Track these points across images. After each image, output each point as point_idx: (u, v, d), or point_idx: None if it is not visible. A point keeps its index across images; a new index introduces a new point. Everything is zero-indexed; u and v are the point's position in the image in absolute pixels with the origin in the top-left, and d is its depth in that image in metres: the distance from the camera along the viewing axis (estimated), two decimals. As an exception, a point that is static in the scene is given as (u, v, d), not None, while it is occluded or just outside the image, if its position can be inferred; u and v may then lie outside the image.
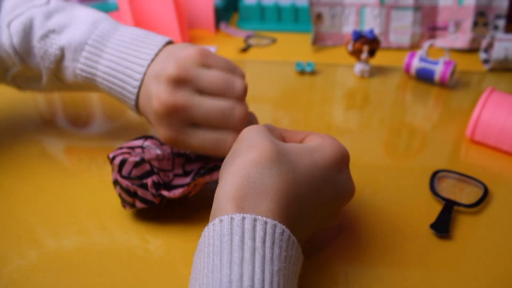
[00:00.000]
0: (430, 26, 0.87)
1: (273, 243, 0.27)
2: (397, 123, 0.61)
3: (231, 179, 0.30)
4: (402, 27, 0.85)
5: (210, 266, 0.27)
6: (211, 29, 0.93)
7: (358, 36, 0.71)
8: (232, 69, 0.42)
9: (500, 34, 0.75)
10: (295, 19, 0.96)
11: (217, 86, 0.39)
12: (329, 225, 0.37)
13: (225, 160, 0.34)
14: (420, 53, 0.71)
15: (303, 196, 0.32)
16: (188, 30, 0.89)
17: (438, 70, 0.68)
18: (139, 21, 0.81)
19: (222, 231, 0.27)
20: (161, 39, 0.44)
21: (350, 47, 0.72)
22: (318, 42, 0.88)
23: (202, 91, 0.39)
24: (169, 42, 0.44)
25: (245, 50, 0.85)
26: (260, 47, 0.87)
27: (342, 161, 0.35)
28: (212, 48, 0.85)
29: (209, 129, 0.39)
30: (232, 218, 0.28)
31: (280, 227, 0.28)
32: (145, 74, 0.41)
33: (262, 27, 0.95)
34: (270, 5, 0.95)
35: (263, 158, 0.31)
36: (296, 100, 0.67)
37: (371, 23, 0.86)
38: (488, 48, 0.78)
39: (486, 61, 0.78)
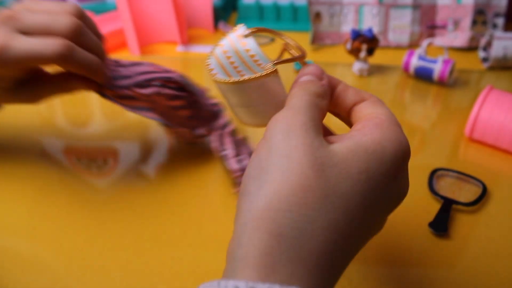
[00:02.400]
0: (429, 25, 0.87)
1: None
2: (396, 122, 0.61)
3: (254, 230, 0.21)
4: (401, 26, 0.85)
5: None
6: (210, 28, 0.93)
7: (357, 35, 0.71)
8: (61, 9, 0.40)
9: (499, 33, 0.75)
10: (294, 18, 0.96)
11: (41, 24, 0.38)
12: (375, 234, 0.28)
13: (249, 167, 0.25)
14: (418, 51, 0.71)
15: (352, 232, 0.23)
16: (187, 29, 0.89)
17: (437, 68, 0.68)
18: (138, 21, 0.81)
19: None
20: None
21: (348, 46, 0.72)
22: (317, 41, 0.88)
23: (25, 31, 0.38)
24: None
25: (244, 49, 0.85)
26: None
27: (403, 162, 0.26)
28: (211, 48, 0.85)
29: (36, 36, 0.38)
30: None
31: None
32: None
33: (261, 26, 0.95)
34: (269, 4, 0.95)
35: (302, 197, 0.21)
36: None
37: (369, 22, 0.86)
38: (487, 46, 0.78)
39: (485, 60, 0.78)
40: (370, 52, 0.72)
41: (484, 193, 0.46)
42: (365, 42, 0.71)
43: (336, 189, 0.22)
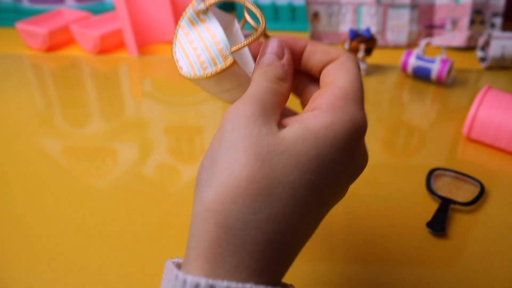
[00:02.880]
0: (427, 25, 0.87)
1: None
2: (394, 122, 0.61)
3: (204, 221, 0.22)
4: (399, 25, 0.85)
5: None
6: (208, 28, 0.93)
7: (355, 35, 0.71)
8: None
9: (497, 32, 0.75)
10: (292, 18, 0.96)
11: None
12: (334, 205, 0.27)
13: (204, 157, 0.25)
14: (417, 51, 0.71)
15: (304, 218, 0.23)
16: (185, 29, 0.89)
17: (435, 68, 0.68)
18: (136, 21, 0.81)
19: None
20: None
21: (346, 45, 0.72)
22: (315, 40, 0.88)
23: None
24: None
25: (242, 49, 0.85)
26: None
27: (357, 140, 0.25)
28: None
29: None
30: (197, 286, 0.21)
31: None
32: None
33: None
34: (267, 4, 0.95)
35: (246, 188, 0.22)
36: (293, 99, 0.67)
37: (368, 22, 0.86)
38: (485, 46, 0.78)
39: (483, 59, 0.78)
40: (368, 52, 0.72)
41: (482, 193, 0.46)
42: (363, 42, 0.71)
43: (282, 178, 0.22)
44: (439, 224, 0.42)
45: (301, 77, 0.30)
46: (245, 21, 0.31)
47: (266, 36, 0.29)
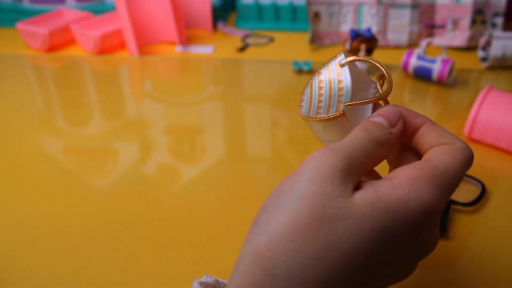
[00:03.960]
0: (428, 24, 0.86)
1: None
2: (395, 122, 0.61)
3: (251, 263, 0.22)
4: (400, 25, 0.85)
5: None
6: (209, 28, 0.93)
7: (356, 35, 0.71)
8: None
9: (498, 32, 0.74)
10: (292, 18, 0.96)
11: None
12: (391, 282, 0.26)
13: (269, 197, 0.24)
14: (417, 51, 0.71)
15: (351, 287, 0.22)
16: (185, 29, 0.89)
17: (436, 68, 0.68)
18: (136, 21, 0.81)
19: None
20: None
21: (347, 45, 0.72)
22: (316, 41, 0.87)
23: None
24: None
25: (242, 49, 0.85)
26: (258, 46, 0.87)
27: (427, 222, 0.24)
28: (210, 48, 0.85)
29: None
30: None
31: None
32: None
33: (260, 26, 0.95)
34: (268, 4, 0.95)
35: (301, 245, 0.21)
36: (293, 99, 0.67)
37: (368, 22, 0.86)
38: (486, 46, 0.78)
39: (484, 59, 0.78)
40: (369, 52, 0.71)
41: (483, 193, 0.46)
42: (364, 42, 0.70)
43: (339, 243, 0.22)
44: (440, 225, 0.41)
45: (405, 153, 0.29)
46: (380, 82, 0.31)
47: (387, 102, 0.29)
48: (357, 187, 0.24)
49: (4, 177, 0.50)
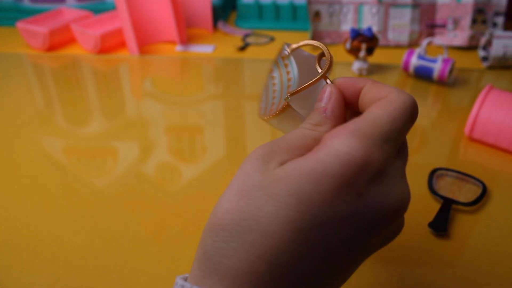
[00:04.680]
0: (428, 24, 0.86)
1: None
2: (395, 121, 0.61)
3: (200, 240, 0.24)
4: (401, 25, 0.85)
5: None
6: (209, 28, 0.93)
7: (356, 34, 0.71)
8: None
9: (498, 32, 0.74)
10: (293, 17, 0.96)
11: None
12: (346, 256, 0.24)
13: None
14: (418, 51, 0.71)
15: (281, 258, 0.21)
16: (185, 29, 0.89)
17: (437, 68, 0.68)
18: (137, 21, 0.81)
19: None
20: None
21: (348, 45, 0.72)
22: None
23: None
24: None
25: (243, 48, 0.85)
26: (258, 46, 0.87)
27: (358, 175, 0.22)
28: (210, 47, 0.85)
29: None
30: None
31: None
32: None
33: (260, 26, 0.95)
34: (268, 4, 0.95)
35: (220, 219, 0.22)
36: (294, 99, 0.66)
37: (369, 21, 0.86)
38: (487, 45, 0.78)
39: (484, 59, 0.78)
40: (370, 51, 0.71)
41: (484, 193, 0.46)
42: (365, 41, 0.70)
43: (255, 212, 0.21)
44: (441, 225, 0.41)
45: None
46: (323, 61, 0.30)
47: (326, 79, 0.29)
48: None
49: (4, 177, 0.50)
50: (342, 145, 0.22)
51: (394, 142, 0.23)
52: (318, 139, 0.24)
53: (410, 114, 0.24)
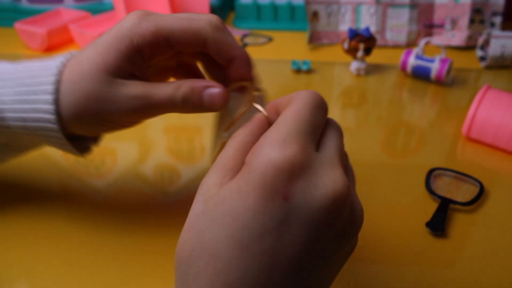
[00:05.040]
0: (426, 24, 0.87)
1: None
2: (393, 121, 0.61)
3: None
4: (398, 25, 0.85)
5: None
6: (208, 28, 0.93)
7: (354, 34, 0.71)
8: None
9: (496, 31, 0.75)
10: (291, 17, 0.96)
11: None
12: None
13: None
14: (416, 51, 0.71)
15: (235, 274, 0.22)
16: (184, 29, 0.89)
17: (435, 67, 0.68)
18: (135, 21, 0.81)
19: None
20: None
21: (346, 45, 0.72)
22: (314, 40, 0.87)
23: None
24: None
25: (241, 49, 0.85)
26: (256, 46, 0.87)
27: (280, 178, 0.22)
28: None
29: None
30: None
31: None
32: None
33: (258, 26, 0.95)
34: (266, 4, 0.95)
35: (180, 259, 0.24)
36: (292, 99, 0.67)
37: (367, 21, 0.86)
38: (485, 45, 0.78)
39: (482, 59, 0.78)
40: (368, 51, 0.72)
41: (481, 193, 0.46)
42: (363, 41, 0.70)
43: (201, 240, 0.23)
44: (438, 224, 0.41)
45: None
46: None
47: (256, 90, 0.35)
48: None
49: (3, 177, 0.49)
50: (257, 157, 0.22)
51: (308, 135, 0.23)
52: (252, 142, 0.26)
53: (312, 102, 0.25)
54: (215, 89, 0.32)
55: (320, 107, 0.25)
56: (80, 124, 0.34)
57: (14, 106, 0.35)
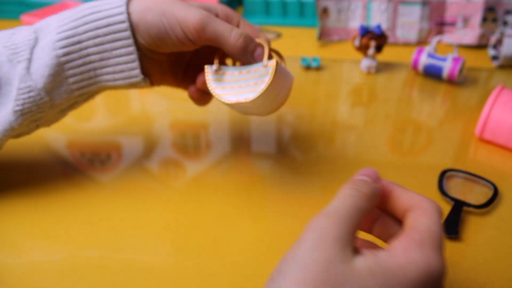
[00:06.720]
0: (438, 22, 0.85)
1: None
2: (403, 120, 0.60)
3: None
4: (410, 22, 0.84)
5: None
6: (215, 23, 0.92)
7: (365, 32, 0.70)
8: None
9: (509, 30, 0.73)
10: (300, 13, 0.95)
11: None
12: None
13: (276, 268, 0.26)
14: (428, 49, 0.70)
15: None
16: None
17: (447, 66, 0.67)
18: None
19: None
20: None
21: (357, 42, 0.71)
22: (324, 37, 0.86)
23: None
24: None
25: (249, 44, 0.84)
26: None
27: (430, 283, 0.25)
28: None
29: None
30: None
31: None
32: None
33: (267, 22, 0.94)
34: (276, 0, 0.94)
35: None
36: (301, 96, 0.66)
37: (378, 18, 0.84)
38: (497, 44, 0.77)
39: (495, 58, 0.77)
40: (379, 49, 0.70)
41: (495, 195, 0.45)
42: (374, 38, 0.69)
43: None
44: (452, 227, 0.40)
45: (383, 216, 0.32)
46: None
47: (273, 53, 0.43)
48: (356, 251, 0.25)
49: (8, 172, 0.49)
50: (417, 254, 0.25)
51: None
52: (367, 213, 0.28)
53: (442, 214, 0.29)
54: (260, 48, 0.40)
55: None
56: (148, 32, 0.39)
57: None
